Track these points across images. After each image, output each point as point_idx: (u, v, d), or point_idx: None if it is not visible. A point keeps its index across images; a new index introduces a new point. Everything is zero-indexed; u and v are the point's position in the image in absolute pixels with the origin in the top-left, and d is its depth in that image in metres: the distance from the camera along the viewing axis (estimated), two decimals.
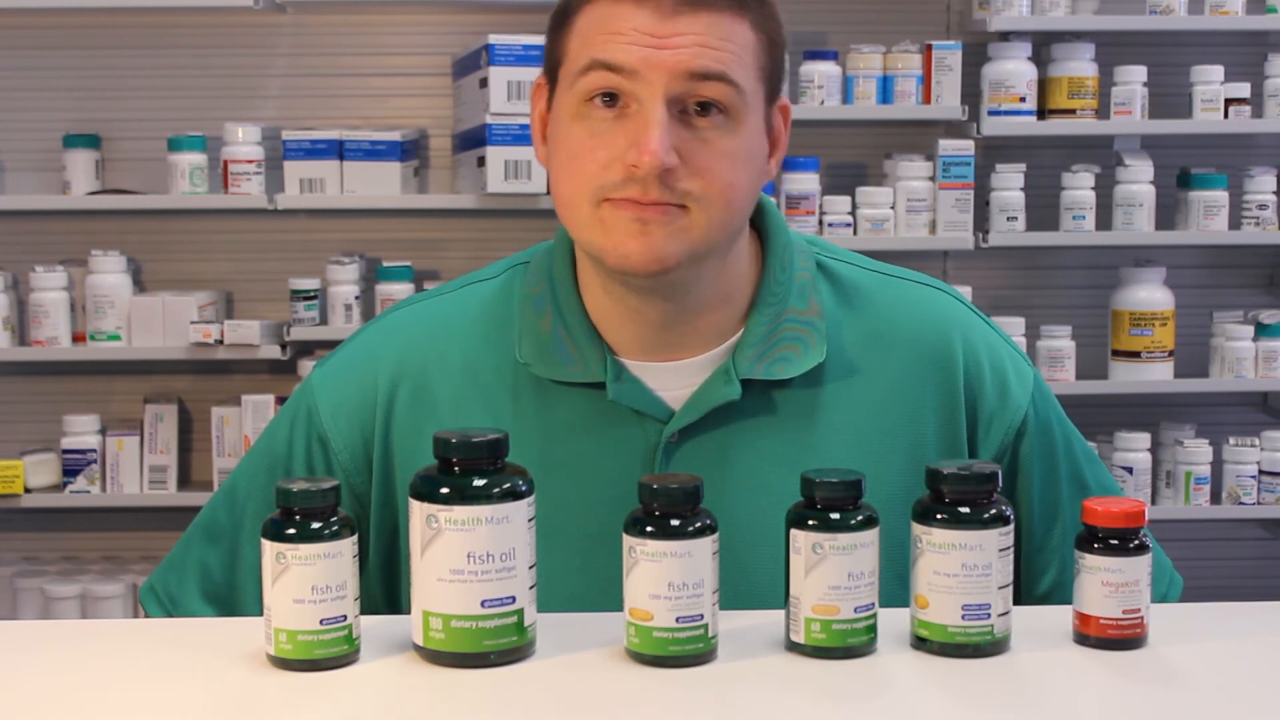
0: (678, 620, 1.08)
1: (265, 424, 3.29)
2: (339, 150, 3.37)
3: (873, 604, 1.11)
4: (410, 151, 3.45)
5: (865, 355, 1.35)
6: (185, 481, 3.53)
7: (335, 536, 1.09)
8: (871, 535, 1.11)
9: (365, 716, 1.03)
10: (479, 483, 1.08)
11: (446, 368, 1.36)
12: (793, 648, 1.12)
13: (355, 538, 1.10)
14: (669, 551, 1.08)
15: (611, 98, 1.25)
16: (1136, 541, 1.14)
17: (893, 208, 3.36)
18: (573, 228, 1.30)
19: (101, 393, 3.56)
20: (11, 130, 3.52)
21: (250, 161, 3.33)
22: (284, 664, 1.09)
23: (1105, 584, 1.14)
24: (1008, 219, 3.37)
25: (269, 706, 1.04)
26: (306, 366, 3.35)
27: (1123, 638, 1.14)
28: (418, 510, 1.09)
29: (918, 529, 1.13)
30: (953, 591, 1.11)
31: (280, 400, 3.38)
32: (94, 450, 3.38)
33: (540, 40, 3.25)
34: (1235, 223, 3.44)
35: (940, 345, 1.36)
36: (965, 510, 1.12)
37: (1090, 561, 1.14)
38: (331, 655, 1.09)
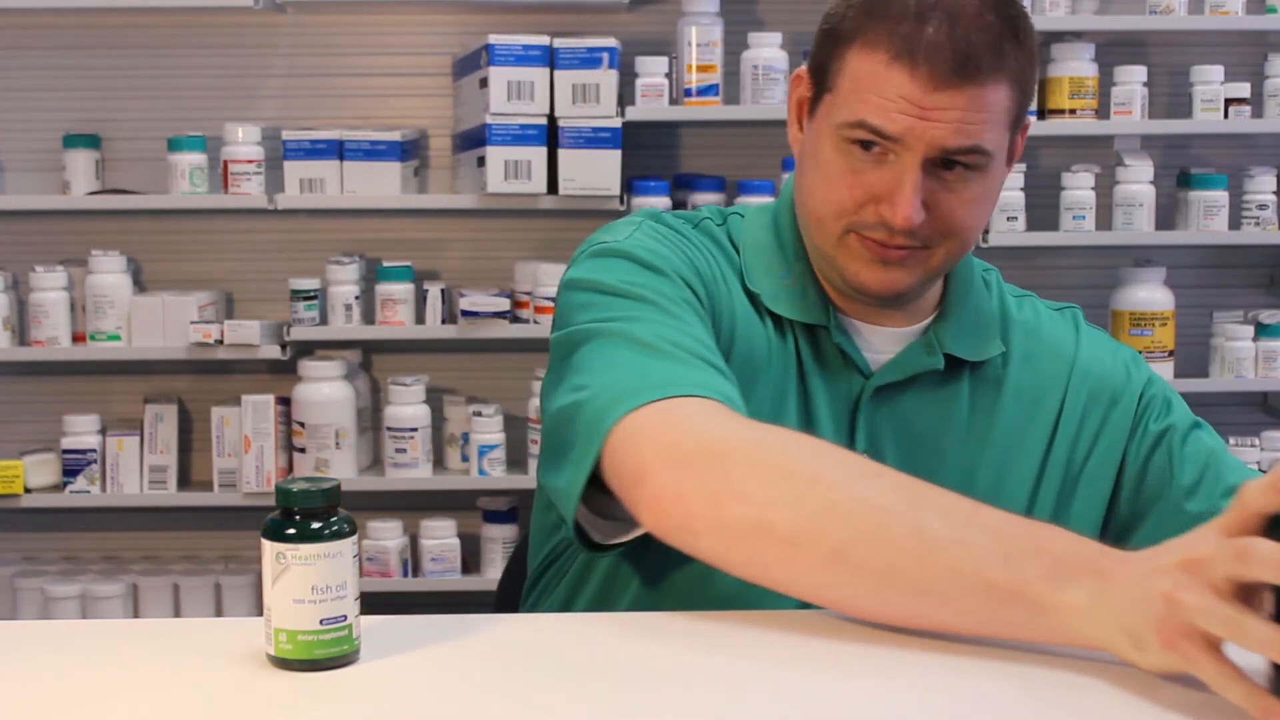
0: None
1: (265, 424, 3.35)
2: (339, 150, 3.37)
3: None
4: (410, 151, 3.45)
5: (1016, 355, 1.48)
6: (185, 481, 3.53)
7: (335, 536, 1.09)
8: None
9: (365, 716, 1.03)
10: None
11: (722, 280, 1.43)
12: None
13: (355, 538, 1.10)
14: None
15: (870, 144, 1.34)
16: None
17: None
18: (816, 238, 1.40)
19: (101, 393, 3.56)
20: (11, 130, 3.52)
21: (250, 161, 3.33)
22: (284, 664, 1.09)
23: None
24: (1008, 219, 3.37)
25: (269, 706, 1.04)
26: (307, 367, 3.35)
27: None
28: None
29: None
30: None
31: (280, 400, 3.38)
32: (94, 450, 3.38)
33: (540, 40, 3.26)
34: (1235, 223, 3.44)
35: (1069, 352, 1.49)
36: None
37: None
38: (331, 655, 1.09)
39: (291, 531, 1.08)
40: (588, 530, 1.27)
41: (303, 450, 3.34)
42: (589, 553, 1.30)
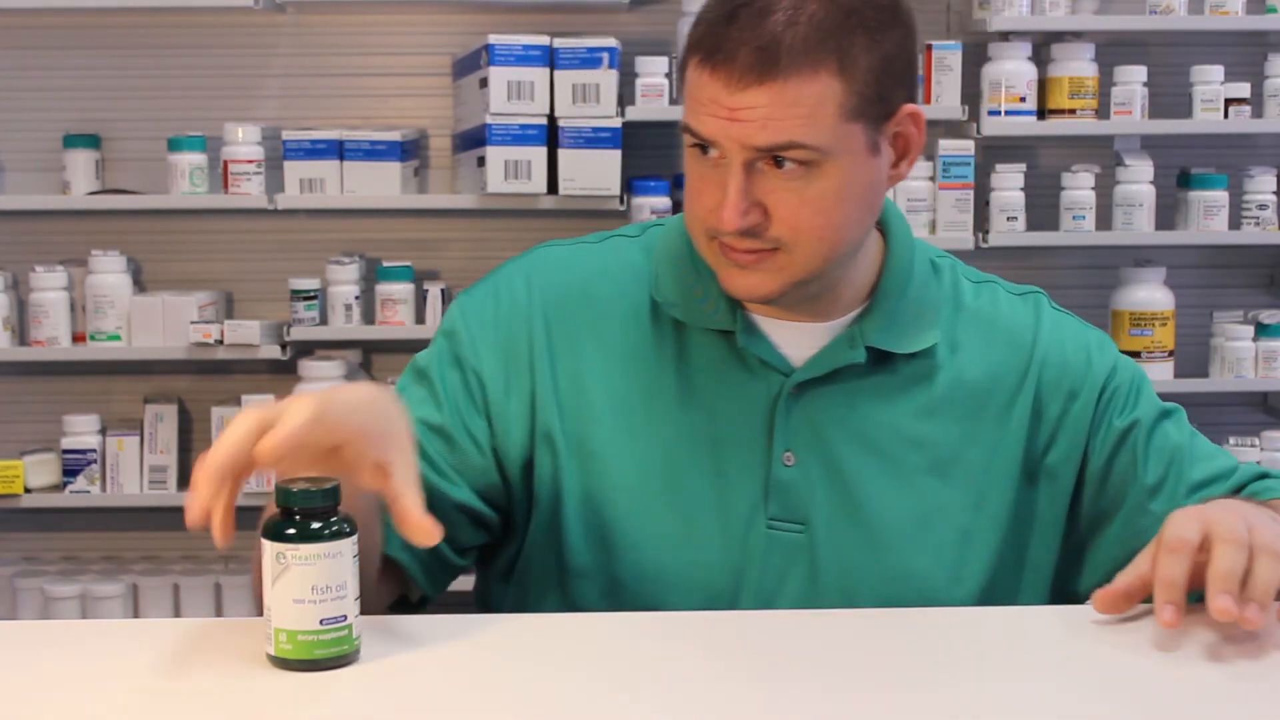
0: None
1: None
2: (339, 150, 3.37)
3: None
4: (410, 151, 3.45)
5: (966, 344, 1.44)
6: (185, 481, 3.52)
7: (335, 536, 1.09)
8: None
9: (365, 716, 1.03)
10: None
11: (591, 308, 1.43)
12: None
13: (355, 538, 1.10)
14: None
15: (705, 148, 1.33)
16: None
17: None
18: (697, 250, 1.39)
19: (101, 393, 3.56)
20: (11, 130, 3.52)
21: (250, 161, 3.33)
22: (284, 664, 1.09)
23: None
24: (1008, 219, 3.37)
25: (269, 706, 1.04)
26: (307, 367, 3.35)
27: None
28: None
29: None
30: None
31: (280, 400, 3.37)
32: (94, 450, 3.38)
33: (540, 40, 3.26)
34: (1235, 223, 3.44)
35: (1027, 339, 1.46)
36: None
37: None
38: (331, 655, 1.09)
39: (291, 531, 1.08)
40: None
41: None
42: None
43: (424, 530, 1.14)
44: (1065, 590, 1.45)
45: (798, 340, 1.40)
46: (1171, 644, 1.16)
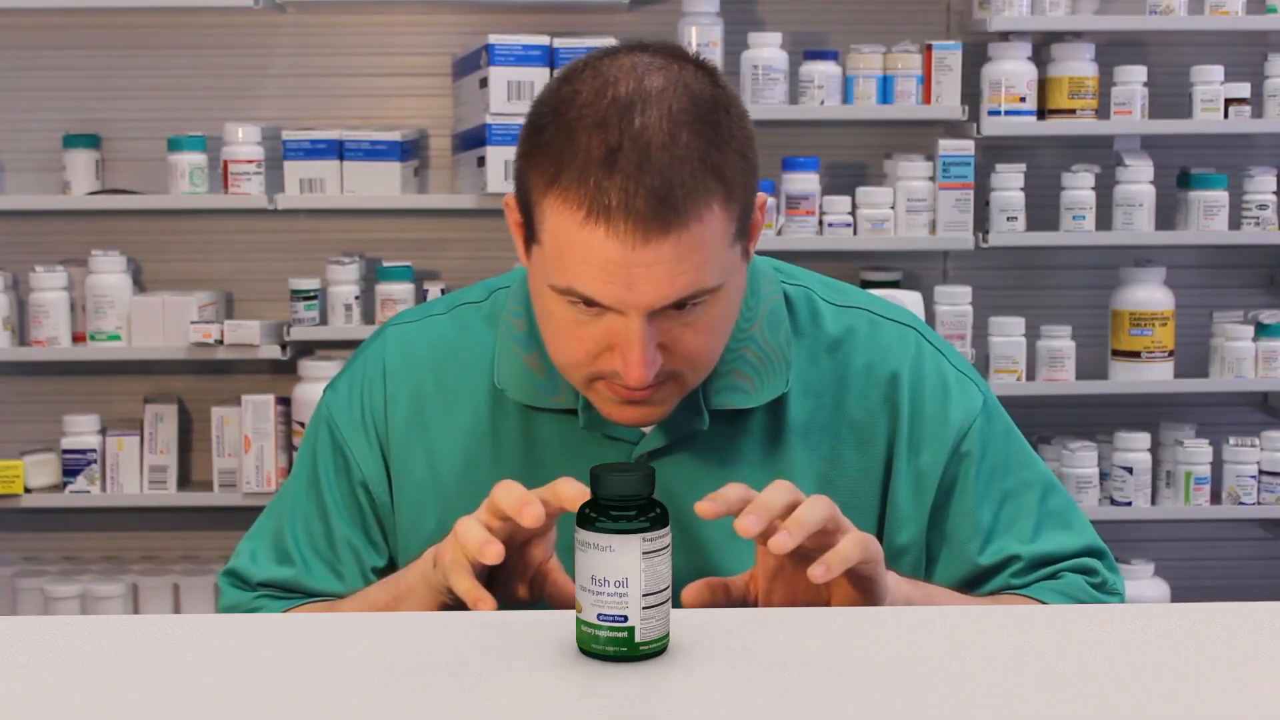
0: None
1: (265, 424, 3.35)
2: (339, 150, 3.37)
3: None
4: (410, 151, 3.46)
5: (824, 387, 1.40)
6: (185, 481, 3.53)
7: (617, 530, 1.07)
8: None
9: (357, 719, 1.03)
10: None
11: (441, 390, 1.41)
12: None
13: (645, 535, 1.07)
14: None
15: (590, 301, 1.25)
16: None
17: (893, 208, 3.37)
18: (567, 379, 1.33)
19: (101, 393, 3.56)
20: (11, 130, 3.52)
21: (250, 161, 3.33)
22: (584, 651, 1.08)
23: None
24: (1008, 219, 3.37)
25: (269, 705, 1.04)
26: (307, 367, 3.35)
27: None
28: None
29: None
30: None
31: (280, 400, 3.38)
32: (94, 450, 3.38)
33: (540, 40, 3.26)
34: (1235, 223, 3.45)
35: (889, 378, 1.40)
36: None
37: None
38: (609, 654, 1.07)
39: (589, 513, 1.07)
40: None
41: None
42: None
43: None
44: None
45: None
46: (1171, 645, 1.16)
